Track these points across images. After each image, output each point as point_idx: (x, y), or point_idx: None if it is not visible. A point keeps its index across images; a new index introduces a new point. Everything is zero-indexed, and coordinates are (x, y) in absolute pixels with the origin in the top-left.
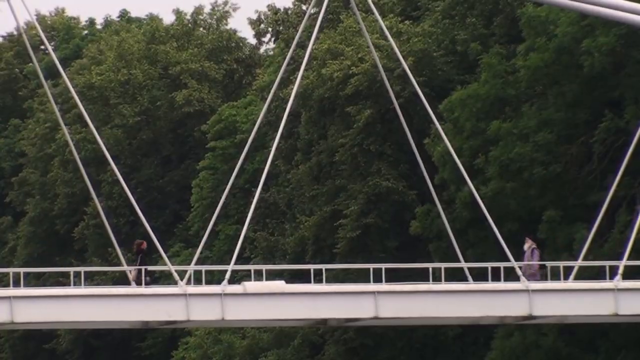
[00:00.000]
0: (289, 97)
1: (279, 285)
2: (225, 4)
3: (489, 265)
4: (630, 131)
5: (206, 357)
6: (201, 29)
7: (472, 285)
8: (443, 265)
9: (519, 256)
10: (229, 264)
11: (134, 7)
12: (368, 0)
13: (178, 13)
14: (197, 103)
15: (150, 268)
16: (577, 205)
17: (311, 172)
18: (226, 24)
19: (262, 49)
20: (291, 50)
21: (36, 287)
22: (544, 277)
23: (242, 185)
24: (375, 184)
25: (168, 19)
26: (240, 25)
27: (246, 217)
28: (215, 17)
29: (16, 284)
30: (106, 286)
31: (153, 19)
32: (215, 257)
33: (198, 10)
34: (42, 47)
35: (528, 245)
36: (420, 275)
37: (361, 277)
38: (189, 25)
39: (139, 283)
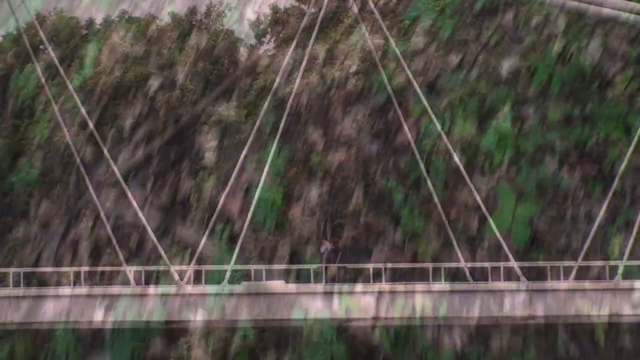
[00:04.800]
0: (289, 97)
1: (279, 285)
2: (221, 4)
3: (489, 265)
4: None
5: (206, 356)
6: (197, 29)
7: (472, 285)
8: (443, 265)
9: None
10: (229, 264)
11: (133, 7)
12: (368, 0)
13: (174, 14)
14: (192, 107)
15: (150, 268)
16: None
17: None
18: (222, 25)
19: (262, 49)
20: (291, 50)
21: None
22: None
23: (242, 185)
24: (375, 184)
25: (166, 19)
26: (237, 26)
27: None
28: (211, 17)
29: (16, 284)
30: (106, 286)
31: (149, 19)
32: (216, 257)
33: (193, 11)
34: (42, 47)
35: (324, 247)
36: (420, 275)
37: (361, 276)
38: (185, 25)
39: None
